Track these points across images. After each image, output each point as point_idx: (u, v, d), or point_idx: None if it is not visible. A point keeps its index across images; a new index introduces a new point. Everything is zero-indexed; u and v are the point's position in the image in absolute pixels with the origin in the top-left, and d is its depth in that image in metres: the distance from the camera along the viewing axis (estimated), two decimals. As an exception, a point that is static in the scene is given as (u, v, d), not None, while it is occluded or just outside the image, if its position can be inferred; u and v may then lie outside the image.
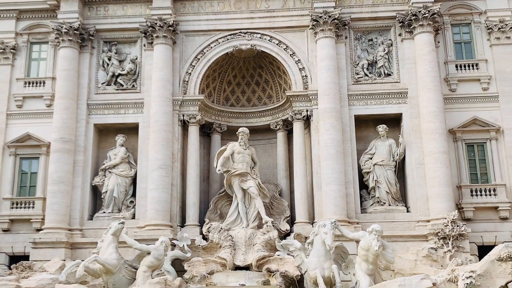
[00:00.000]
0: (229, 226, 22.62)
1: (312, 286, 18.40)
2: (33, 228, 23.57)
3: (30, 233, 23.20)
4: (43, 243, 21.94)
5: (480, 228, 22.42)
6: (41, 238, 22.15)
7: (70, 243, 22.30)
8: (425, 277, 15.67)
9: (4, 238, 23.81)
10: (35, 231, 23.27)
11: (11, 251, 23.66)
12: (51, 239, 21.98)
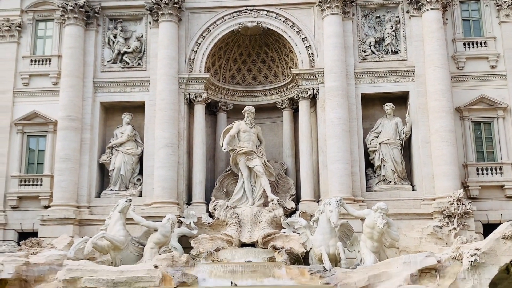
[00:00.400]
0: (235, 204, 22.76)
1: (317, 263, 18.58)
2: (41, 205, 23.85)
3: (38, 210, 23.46)
4: (51, 220, 22.22)
5: (485, 206, 22.44)
6: (49, 215, 22.42)
7: (78, 220, 22.56)
8: (429, 254, 15.79)
9: (13, 215, 24.11)
10: (43, 208, 23.55)
11: (20, 228, 23.97)
12: (59, 216, 22.23)
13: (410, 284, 14.57)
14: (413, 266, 15.39)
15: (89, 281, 15.25)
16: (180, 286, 15.72)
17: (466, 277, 14.82)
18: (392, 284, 14.91)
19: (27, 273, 16.52)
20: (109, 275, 15.46)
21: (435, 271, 15.29)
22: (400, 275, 15.20)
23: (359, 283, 15.78)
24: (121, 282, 15.31)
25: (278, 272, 17.41)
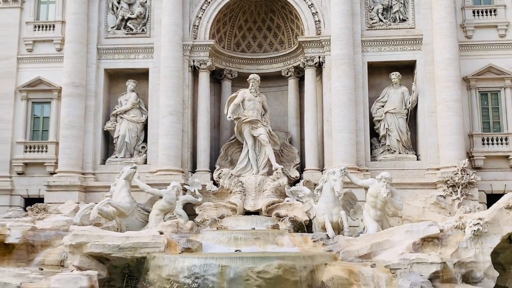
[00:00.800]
0: (239, 172, 22.84)
1: (320, 231, 18.73)
2: (47, 172, 24.05)
3: (44, 177, 23.66)
4: (57, 186, 22.41)
5: (490, 176, 22.46)
6: (55, 181, 22.59)
7: (84, 186, 22.75)
8: (432, 223, 15.84)
9: (19, 181, 24.34)
10: (49, 175, 23.75)
11: (26, 194, 24.21)
12: (65, 182, 22.42)
13: (412, 252, 14.66)
14: (416, 234, 15.47)
15: (95, 246, 15.41)
16: (185, 252, 15.86)
17: (468, 246, 14.89)
18: (394, 252, 15.01)
19: (33, 238, 16.71)
20: (114, 240, 15.60)
21: (438, 240, 15.36)
22: (403, 243, 15.29)
23: (362, 251, 15.90)
24: (126, 248, 15.45)
25: (281, 240, 17.55)
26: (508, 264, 16.13)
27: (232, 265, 13.90)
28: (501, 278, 15.30)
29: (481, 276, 14.60)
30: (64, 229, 17.42)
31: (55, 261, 16.25)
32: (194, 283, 13.90)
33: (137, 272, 15.56)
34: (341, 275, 14.24)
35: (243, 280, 13.72)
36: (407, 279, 13.46)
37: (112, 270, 15.72)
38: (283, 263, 13.98)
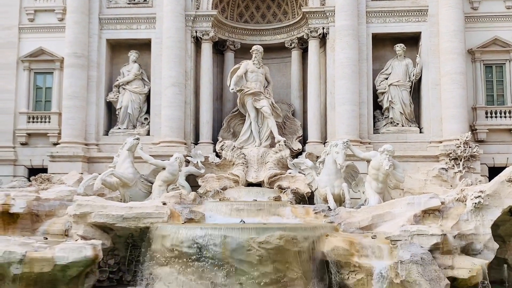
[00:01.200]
0: (242, 144, 22.87)
1: (322, 202, 18.86)
2: (50, 142, 24.09)
3: (47, 147, 23.73)
4: (60, 157, 22.49)
5: (492, 149, 22.44)
6: (58, 152, 22.67)
7: (87, 157, 22.83)
8: (433, 196, 15.93)
9: (22, 151, 24.43)
10: (52, 145, 23.80)
11: (30, 164, 24.34)
12: (68, 153, 22.49)
13: (413, 224, 14.79)
14: (417, 207, 15.57)
15: (99, 216, 15.56)
16: (187, 222, 16.02)
17: (469, 218, 15.00)
18: (395, 224, 15.13)
19: (38, 208, 16.88)
20: (118, 210, 15.75)
21: (439, 212, 15.47)
22: (404, 215, 15.41)
23: (363, 223, 16.04)
24: (130, 218, 15.60)
25: (283, 211, 17.69)
26: (508, 236, 16.27)
27: (234, 235, 14.04)
28: (500, 250, 15.45)
29: (481, 248, 14.75)
30: (68, 199, 17.57)
31: (60, 231, 16.44)
32: (197, 253, 14.09)
33: (141, 242, 15.75)
34: (342, 246, 14.40)
35: (245, 250, 13.89)
36: (407, 250, 13.61)
37: (116, 239, 15.92)
38: (284, 233, 14.12)
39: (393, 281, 13.56)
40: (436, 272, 13.29)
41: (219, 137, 23.63)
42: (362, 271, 14.06)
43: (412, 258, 13.35)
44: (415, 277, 13.20)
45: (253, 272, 13.90)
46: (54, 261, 13.86)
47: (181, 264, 14.34)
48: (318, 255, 14.60)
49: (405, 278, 13.29)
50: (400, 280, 13.39)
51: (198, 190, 20.87)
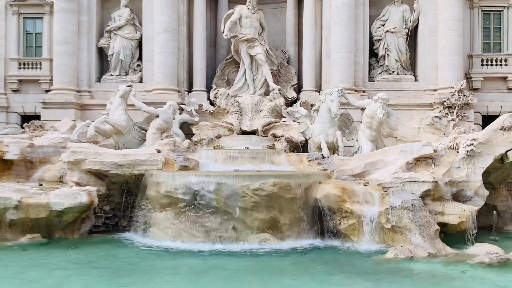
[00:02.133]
0: (236, 92, 22.69)
1: (316, 151, 18.93)
2: (42, 89, 23.85)
3: (39, 94, 23.54)
4: (52, 104, 22.30)
5: (486, 98, 22.44)
6: (50, 98, 22.47)
7: (80, 104, 22.65)
8: (426, 143, 16.03)
9: (14, 98, 24.22)
10: (44, 92, 23.58)
11: (22, 111, 24.17)
12: (60, 100, 22.29)
13: (405, 172, 14.94)
14: (409, 154, 15.69)
15: (93, 163, 15.61)
16: (182, 169, 16.10)
17: (461, 166, 15.17)
18: (387, 171, 15.29)
19: (32, 155, 16.89)
20: (112, 158, 15.77)
21: (431, 160, 15.61)
22: (396, 163, 15.55)
23: (355, 170, 16.19)
24: (124, 165, 15.66)
25: (277, 159, 17.79)
26: (498, 183, 16.54)
27: (228, 182, 14.17)
28: (490, 197, 15.74)
29: (472, 195, 15.00)
30: (61, 146, 17.56)
31: (54, 177, 16.53)
32: (192, 199, 14.24)
33: (136, 189, 15.89)
34: (334, 193, 14.59)
35: (239, 197, 14.06)
36: (398, 196, 13.82)
37: (111, 186, 16.04)
38: (278, 181, 14.27)
39: (383, 226, 13.86)
40: (427, 218, 13.56)
41: (213, 85, 23.40)
42: (353, 216, 14.32)
43: (403, 204, 13.59)
44: (406, 223, 13.48)
45: (247, 218, 14.11)
46: (49, 207, 14.03)
47: (176, 211, 14.51)
48: (311, 201, 14.82)
49: (395, 223, 13.57)
50: (390, 225, 13.68)
51: (192, 138, 20.85)
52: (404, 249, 12.87)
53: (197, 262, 12.42)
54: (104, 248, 13.75)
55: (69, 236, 14.72)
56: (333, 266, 12.09)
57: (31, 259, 12.38)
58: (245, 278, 10.99)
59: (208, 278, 10.98)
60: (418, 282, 10.84)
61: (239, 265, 12.12)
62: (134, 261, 12.46)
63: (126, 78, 22.92)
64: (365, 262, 12.52)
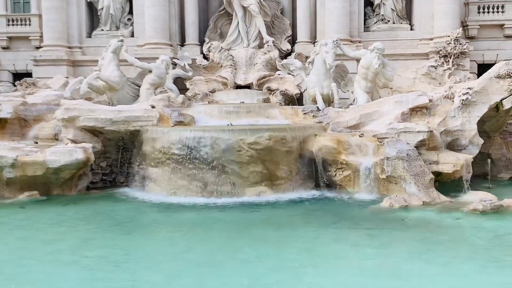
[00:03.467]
0: (229, 45, 22.36)
1: (311, 103, 18.86)
2: (33, 46, 23.46)
3: (30, 51, 23.15)
4: (44, 61, 21.98)
5: (482, 46, 22.21)
6: (41, 55, 22.11)
7: (71, 60, 22.33)
8: (422, 93, 15.98)
9: (4, 56, 23.83)
10: (35, 49, 23.18)
11: (14, 69, 23.84)
12: (52, 56, 21.96)
13: (401, 122, 14.95)
14: (405, 105, 15.67)
15: (87, 120, 15.52)
16: (177, 125, 16.07)
17: (456, 115, 15.18)
18: (382, 122, 15.30)
19: (25, 113, 16.75)
20: (107, 114, 15.67)
21: (426, 110, 15.60)
22: (391, 113, 15.54)
23: (351, 122, 16.20)
24: (119, 121, 15.58)
25: (272, 113, 17.75)
26: (493, 132, 16.61)
27: (224, 137, 14.19)
28: (485, 145, 15.85)
29: (466, 143, 15.09)
30: (55, 103, 17.38)
31: (49, 135, 16.45)
32: (188, 154, 14.27)
33: (132, 145, 15.90)
34: (330, 145, 14.65)
35: (235, 151, 14.10)
36: (393, 147, 13.88)
37: (106, 142, 16.02)
38: (273, 134, 14.28)
39: (378, 176, 13.99)
40: (421, 167, 13.66)
41: (206, 38, 23.02)
42: (349, 168, 14.43)
43: (398, 154, 13.66)
44: (401, 172, 13.60)
45: (243, 172, 14.19)
46: (46, 165, 14.04)
47: (172, 166, 14.56)
48: (307, 154, 14.90)
49: (390, 173, 13.69)
50: (385, 175, 13.80)
51: (187, 93, 20.70)
52: (399, 198, 13.04)
53: (195, 215, 12.58)
54: (102, 203, 13.89)
55: (67, 192, 14.81)
56: (329, 216, 12.27)
57: (29, 215, 12.49)
58: (243, 230, 11.16)
59: (207, 230, 11.14)
60: (413, 230, 11.03)
61: (237, 217, 12.29)
62: (132, 215, 12.61)
63: (117, 33, 22.48)
64: (360, 212, 12.71)
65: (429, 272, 8.33)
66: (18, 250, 9.74)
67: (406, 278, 8.13)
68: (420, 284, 7.86)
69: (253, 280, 8.07)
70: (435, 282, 7.87)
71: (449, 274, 8.22)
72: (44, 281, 8.06)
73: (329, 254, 9.39)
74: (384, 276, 8.16)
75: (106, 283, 7.90)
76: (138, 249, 9.78)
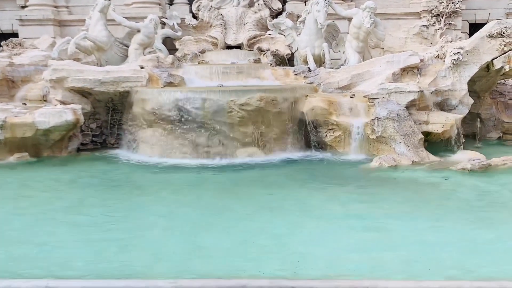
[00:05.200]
0: (219, 4, 21.93)
1: (302, 64, 18.74)
2: (18, 5, 22.87)
3: (15, 10, 22.59)
4: (30, 21, 21.49)
5: (474, 5, 21.98)
6: (27, 15, 21.63)
7: (58, 20, 21.86)
8: (413, 53, 15.92)
9: (-11, 16, 23.32)
10: (20, 8, 22.65)
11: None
12: (38, 16, 21.47)
13: (391, 82, 14.94)
14: (396, 65, 15.62)
15: (76, 81, 15.32)
16: (167, 86, 15.95)
17: (447, 75, 15.18)
18: (373, 83, 15.28)
19: (12, 74, 16.51)
20: (95, 75, 15.48)
21: (417, 70, 15.57)
22: (383, 73, 15.49)
23: (342, 82, 16.15)
24: (108, 82, 15.42)
25: (263, 73, 17.63)
26: (483, 92, 16.68)
27: (214, 98, 14.11)
28: (475, 105, 15.93)
29: (456, 103, 15.15)
30: (43, 64, 17.14)
31: (38, 96, 16.29)
32: (178, 116, 14.22)
33: (121, 106, 15.78)
34: (320, 106, 14.65)
35: (226, 112, 14.06)
36: (384, 107, 13.92)
37: (96, 104, 15.88)
38: (264, 95, 14.23)
39: (369, 137, 14.08)
40: (411, 127, 13.75)
41: (195, -4, 22.58)
42: (339, 129, 14.48)
43: (388, 114, 13.72)
44: (391, 133, 13.69)
45: (234, 133, 14.20)
46: (35, 126, 13.93)
47: (162, 127, 14.52)
48: (298, 115, 14.90)
49: (380, 134, 13.78)
50: (376, 136, 13.89)
51: (176, 53, 20.44)
52: (388, 158, 13.16)
53: (187, 176, 12.64)
54: (94, 164, 13.89)
55: (57, 154, 14.76)
56: (319, 176, 12.40)
57: (20, 177, 12.47)
58: (235, 189, 11.27)
59: (199, 190, 11.22)
60: (401, 188, 11.20)
61: (228, 178, 12.37)
62: (124, 176, 12.65)
63: (104, -9, 21.94)
64: (350, 171, 12.85)
65: (415, 227, 8.52)
66: (10, 210, 9.78)
67: (393, 233, 8.32)
68: (406, 238, 8.05)
69: (246, 237, 8.20)
70: (422, 237, 8.05)
71: (436, 230, 8.41)
72: (37, 241, 8.12)
73: (319, 212, 9.54)
74: (371, 231, 8.34)
75: (100, 243, 7.99)
76: (131, 209, 9.86)
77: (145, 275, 6.51)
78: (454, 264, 6.98)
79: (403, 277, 6.41)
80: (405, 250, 7.53)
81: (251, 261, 7.19)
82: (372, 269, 6.83)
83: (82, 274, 6.63)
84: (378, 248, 7.57)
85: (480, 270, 6.77)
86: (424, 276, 6.49)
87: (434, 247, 7.60)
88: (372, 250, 7.52)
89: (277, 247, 7.73)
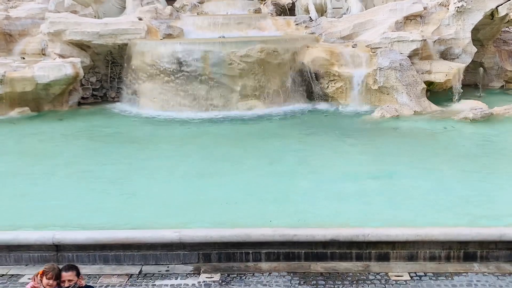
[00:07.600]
0: (219, -45, 21.29)
1: (304, 14, 18.35)
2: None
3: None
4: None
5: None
6: (21, -33, 21.08)
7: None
8: (416, 1, 15.58)
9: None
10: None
11: (-7, -18, 22.80)
12: (32, -33, 20.93)
13: (394, 31, 14.68)
14: (399, 13, 15.32)
15: (74, 34, 15.07)
16: (166, 38, 15.69)
17: (450, 23, 14.91)
18: (376, 32, 15.02)
19: (9, 27, 16.27)
20: (93, 27, 15.23)
21: (420, 18, 15.28)
22: (385, 22, 15.21)
23: (344, 32, 15.87)
24: (106, 35, 15.18)
25: (264, 24, 17.30)
26: (486, 40, 16.44)
27: (215, 50, 13.96)
28: (478, 54, 15.74)
29: (459, 52, 14.95)
30: (40, 17, 16.83)
31: (36, 50, 16.12)
32: (178, 68, 14.09)
33: (121, 59, 15.63)
34: (322, 56, 14.47)
35: (226, 64, 13.93)
36: (386, 57, 13.76)
37: (95, 57, 15.72)
38: (265, 46, 14.06)
39: (371, 87, 13.98)
40: (414, 77, 13.64)
41: None
42: (341, 79, 14.35)
43: (391, 64, 13.58)
44: (393, 83, 13.59)
45: (235, 86, 14.11)
46: (35, 80, 13.84)
47: (163, 80, 14.41)
48: (299, 66, 14.74)
49: (383, 84, 13.68)
50: (378, 86, 13.80)
51: (174, 4, 19.95)
52: (390, 108, 13.12)
53: (188, 129, 12.67)
54: (95, 118, 13.91)
55: (58, 108, 14.73)
56: (321, 127, 12.41)
57: (21, 131, 12.52)
58: (235, 141, 11.32)
59: (201, 142, 11.29)
60: (403, 137, 11.25)
61: (229, 131, 12.40)
62: (126, 130, 12.68)
63: None
64: (352, 122, 12.86)
65: (415, 174, 8.60)
66: (14, 164, 9.85)
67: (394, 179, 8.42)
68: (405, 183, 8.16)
69: (250, 186, 8.32)
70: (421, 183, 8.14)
71: (436, 177, 8.47)
72: (42, 194, 8.23)
73: (321, 161, 9.62)
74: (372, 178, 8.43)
75: (105, 195, 8.10)
76: (134, 161, 9.92)
77: (150, 225, 6.62)
78: (458, 210, 7.06)
79: (400, 223, 6.51)
80: (405, 198, 7.62)
81: (254, 209, 7.32)
82: (372, 216, 6.93)
83: (87, 224, 6.74)
84: (379, 198, 7.65)
85: (478, 216, 6.88)
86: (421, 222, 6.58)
87: (437, 194, 7.66)
88: (372, 199, 7.61)
89: (279, 197, 7.81)
